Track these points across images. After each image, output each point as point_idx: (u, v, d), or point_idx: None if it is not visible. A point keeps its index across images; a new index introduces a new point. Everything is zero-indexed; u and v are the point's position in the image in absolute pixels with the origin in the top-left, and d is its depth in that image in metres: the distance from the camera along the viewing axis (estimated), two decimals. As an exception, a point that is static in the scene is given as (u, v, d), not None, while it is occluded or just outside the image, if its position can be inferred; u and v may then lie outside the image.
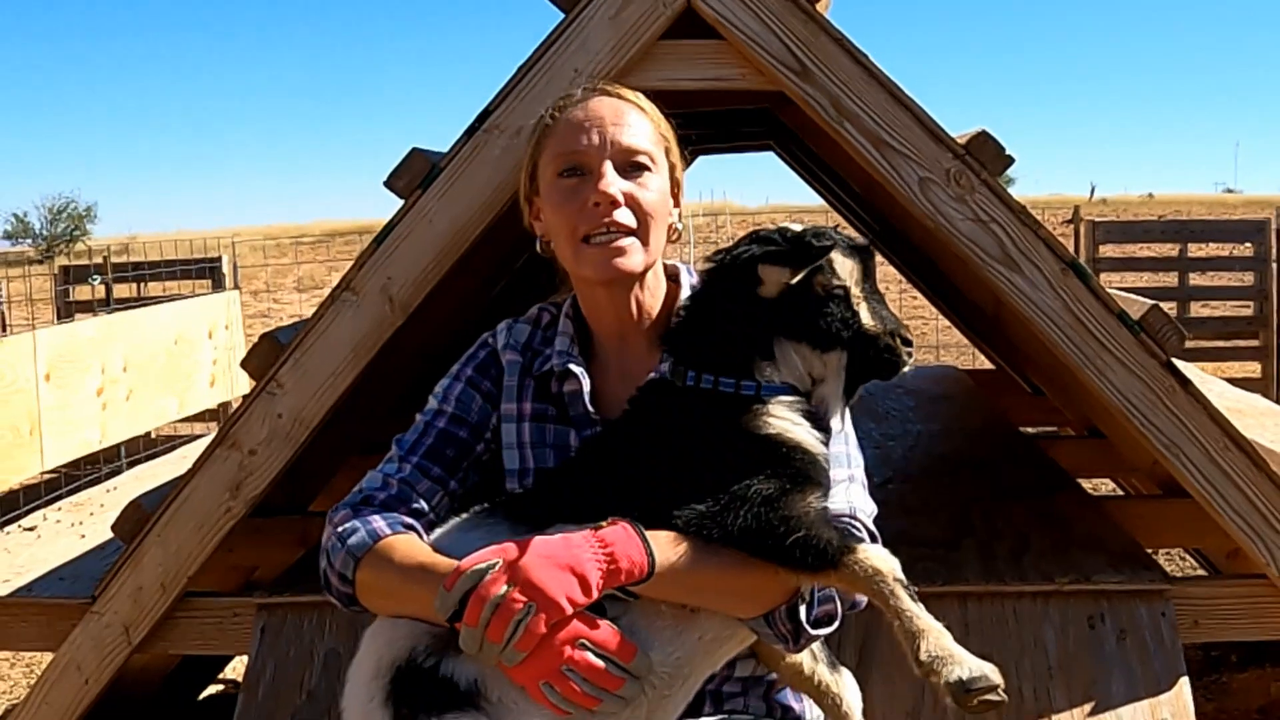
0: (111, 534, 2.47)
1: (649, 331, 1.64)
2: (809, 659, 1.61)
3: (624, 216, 1.57)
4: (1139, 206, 25.15)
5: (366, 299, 2.27)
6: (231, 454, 2.32)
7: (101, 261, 8.80)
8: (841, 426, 1.59)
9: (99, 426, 5.65)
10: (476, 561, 1.35)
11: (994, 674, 1.30)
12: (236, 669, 3.70)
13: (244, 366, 2.40)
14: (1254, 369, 8.56)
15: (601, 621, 1.37)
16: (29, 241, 31.69)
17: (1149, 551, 2.56)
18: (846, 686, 1.64)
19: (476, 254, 2.36)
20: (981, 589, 2.33)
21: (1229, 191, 34.73)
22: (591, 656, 1.34)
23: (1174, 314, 2.27)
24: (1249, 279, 8.70)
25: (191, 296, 7.54)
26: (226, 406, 6.89)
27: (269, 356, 2.33)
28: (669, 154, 1.65)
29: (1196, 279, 8.96)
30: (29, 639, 2.65)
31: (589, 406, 1.62)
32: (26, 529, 3.22)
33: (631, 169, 1.59)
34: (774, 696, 1.67)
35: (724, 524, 1.40)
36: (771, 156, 5.70)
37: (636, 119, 1.61)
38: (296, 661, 2.35)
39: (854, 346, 1.50)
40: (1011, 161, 2.21)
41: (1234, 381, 4.96)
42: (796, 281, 1.48)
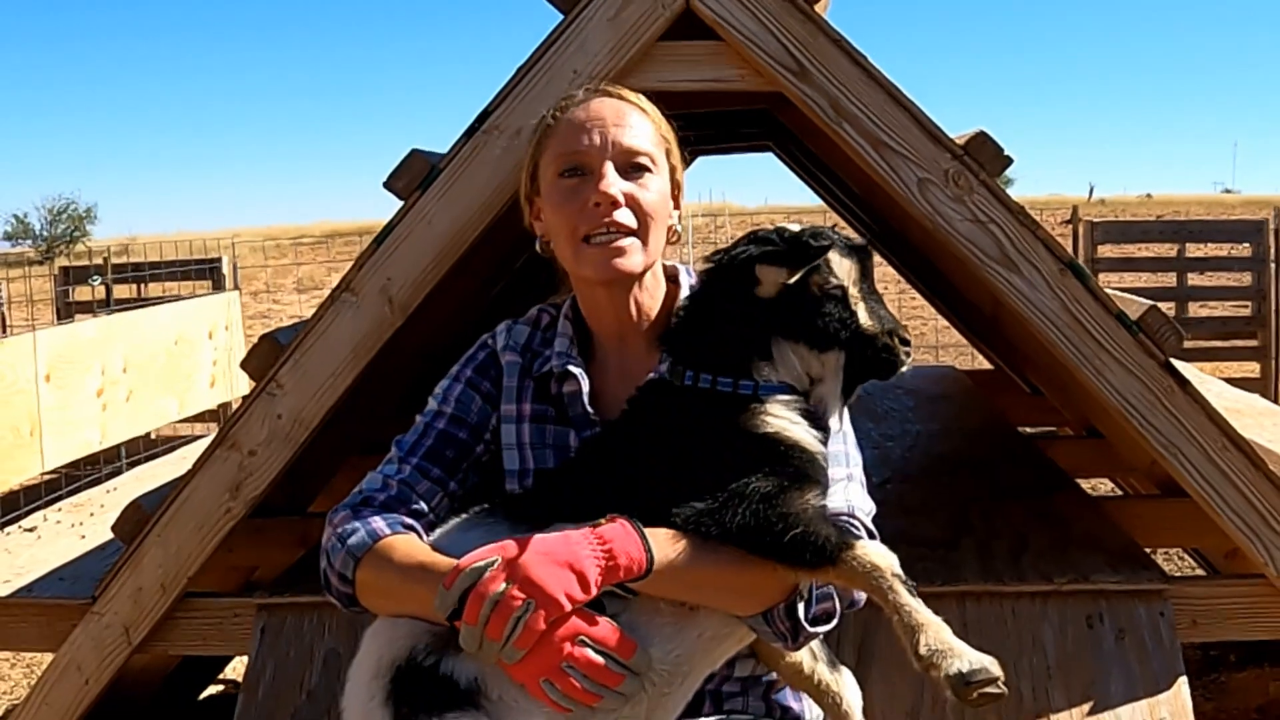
0: (111, 534, 2.47)
1: (648, 332, 1.64)
2: (809, 658, 1.61)
3: (624, 217, 1.57)
4: (1137, 207, 25.15)
5: (366, 300, 2.27)
6: (231, 455, 2.33)
7: (102, 262, 8.79)
8: (840, 426, 1.59)
9: (99, 427, 5.65)
10: (475, 559, 1.35)
11: (994, 666, 1.30)
12: (236, 669, 3.70)
13: (244, 367, 2.40)
14: (1252, 369, 8.57)
15: (601, 618, 1.37)
16: (29, 242, 31.66)
17: (1147, 551, 2.56)
18: (846, 685, 1.64)
19: (476, 255, 2.37)
20: (980, 589, 2.33)
21: (1227, 192, 34.75)
22: (591, 653, 1.34)
23: (1172, 314, 2.27)
24: (1247, 279, 8.71)
25: (191, 297, 7.53)
26: (226, 407, 6.89)
27: (269, 357, 2.33)
28: (670, 155, 1.65)
29: (1195, 279, 8.96)
30: (29, 639, 2.65)
31: (588, 407, 1.62)
32: (27, 529, 3.22)
33: (632, 170, 1.59)
34: (773, 696, 1.67)
35: (722, 521, 1.40)
36: (770, 157, 5.72)
37: (638, 120, 1.62)
38: (296, 662, 2.36)
39: (852, 346, 1.50)
40: (1010, 162, 2.21)
41: (1232, 381, 4.96)
42: (794, 281, 1.48)
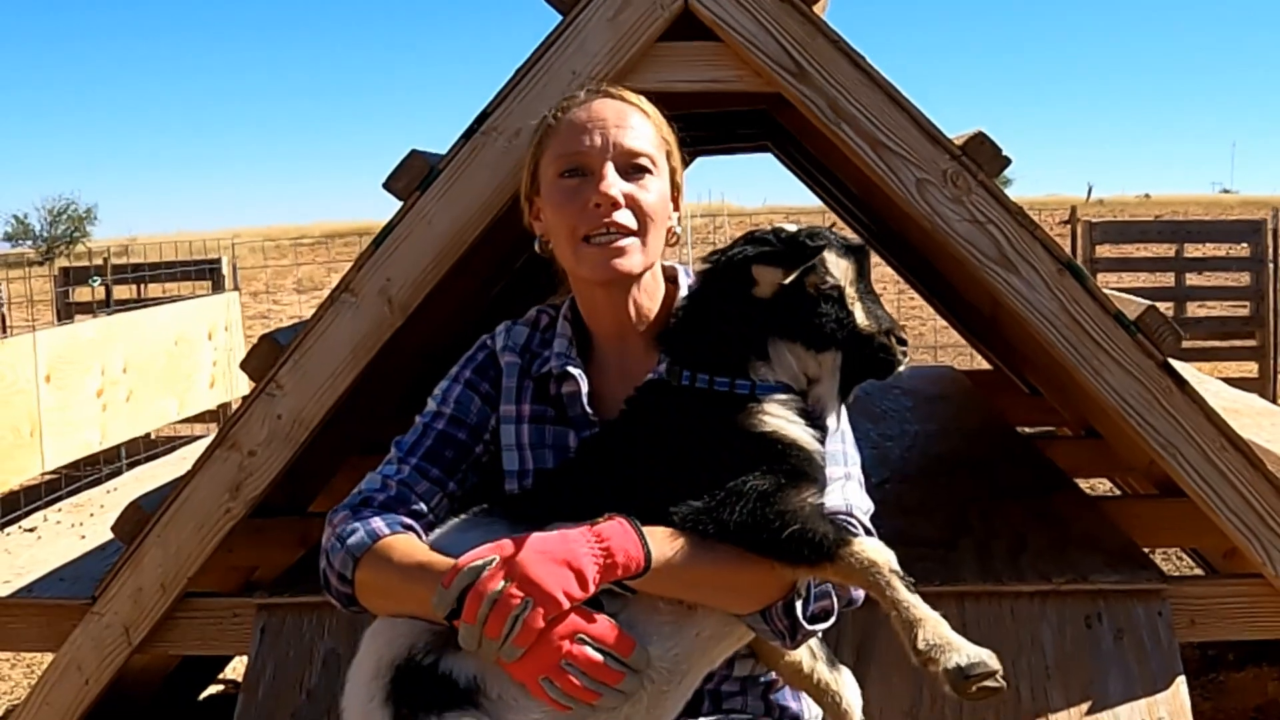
0: (111, 535, 2.48)
1: (647, 333, 1.64)
2: (808, 657, 1.61)
3: (624, 218, 1.57)
4: (1136, 207, 25.15)
5: (365, 300, 2.27)
6: (231, 455, 2.33)
7: (101, 263, 8.78)
8: (838, 425, 1.59)
9: (99, 428, 5.65)
10: (473, 558, 1.35)
11: (992, 660, 1.31)
12: (236, 669, 3.70)
13: (244, 368, 2.40)
14: (1250, 369, 8.58)
15: (599, 616, 1.37)
16: (29, 243, 31.62)
17: (1146, 551, 2.57)
18: (846, 684, 1.64)
19: (475, 255, 2.37)
20: (979, 589, 2.34)
21: (1226, 192, 34.71)
22: (590, 651, 1.35)
23: (1171, 314, 2.28)
24: (1245, 279, 8.72)
25: (191, 298, 7.53)
26: (226, 408, 6.89)
27: (268, 358, 2.33)
28: (670, 157, 1.65)
29: (1193, 279, 8.97)
30: (29, 639, 2.65)
31: (587, 408, 1.62)
32: (27, 530, 3.22)
33: (633, 171, 1.59)
34: (772, 696, 1.67)
35: (720, 519, 1.40)
36: (769, 158, 5.72)
37: (639, 122, 1.62)
38: (296, 661, 2.36)
39: (849, 346, 1.50)
40: (1008, 162, 2.21)
41: (1230, 381, 4.97)
42: (790, 281, 1.48)
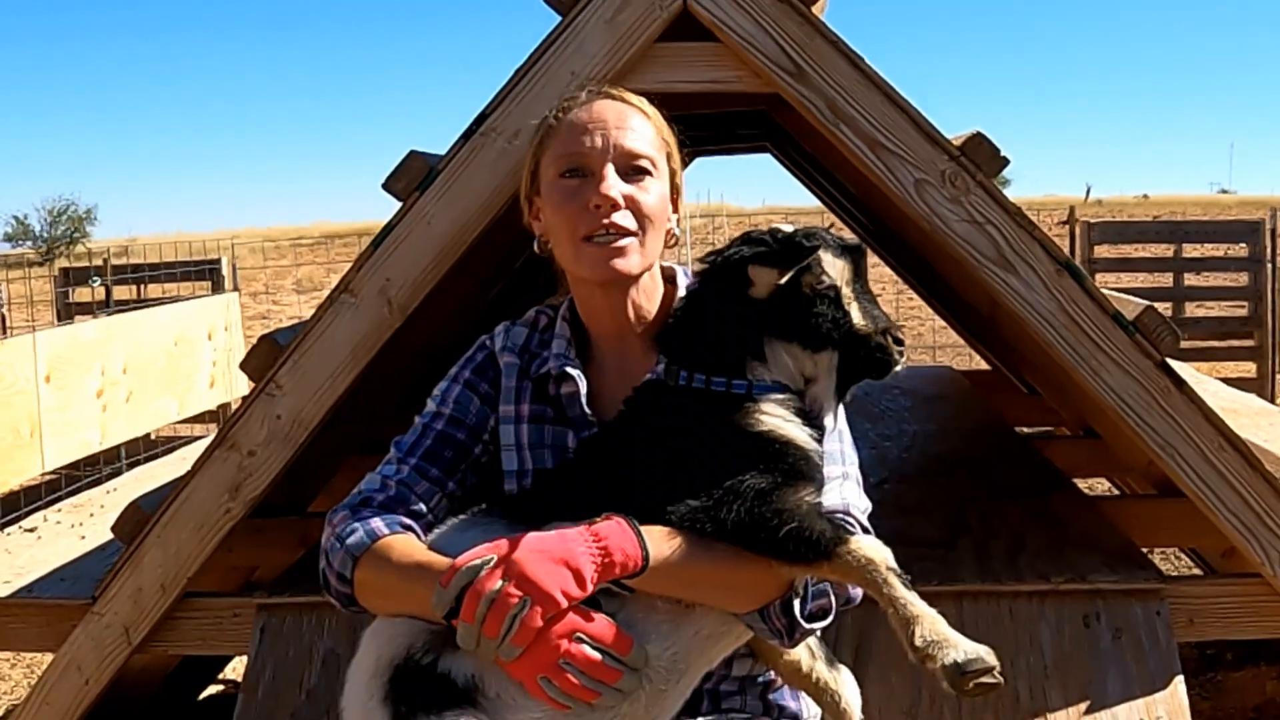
0: (111, 535, 2.48)
1: (646, 333, 1.64)
2: (807, 656, 1.62)
3: (623, 219, 1.57)
4: (1134, 207, 25.15)
5: (365, 301, 2.27)
6: (231, 455, 2.33)
7: (101, 264, 8.78)
8: (835, 424, 1.59)
9: (99, 428, 5.66)
10: (471, 558, 1.36)
11: (989, 656, 1.31)
12: (236, 669, 3.70)
13: (243, 368, 2.41)
14: (1249, 369, 8.59)
15: (597, 615, 1.37)
16: (29, 244, 31.59)
17: (1144, 551, 2.57)
18: (845, 684, 1.64)
19: (475, 256, 2.37)
20: (977, 588, 2.34)
21: (1224, 192, 34.71)
22: (588, 650, 1.35)
23: (1169, 314, 2.29)
24: (1244, 279, 8.73)
25: (191, 298, 7.53)
26: (226, 408, 6.89)
27: (268, 358, 2.33)
28: (670, 160, 1.66)
29: (1191, 279, 8.99)
30: (30, 639, 2.66)
31: (586, 408, 1.63)
32: (27, 530, 3.23)
33: (633, 173, 1.59)
34: (771, 695, 1.68)
35: (718, 518, 1.41)
36: (768, 158, 5.72)
37: (640, 123, 1.62)
38: (296, 661, 2.36)
39: (845, 346, 1.50)
40: (1007, 163, 2.22)
41: (1229, 381, 4.98)
42: (785, 282, 1.49)
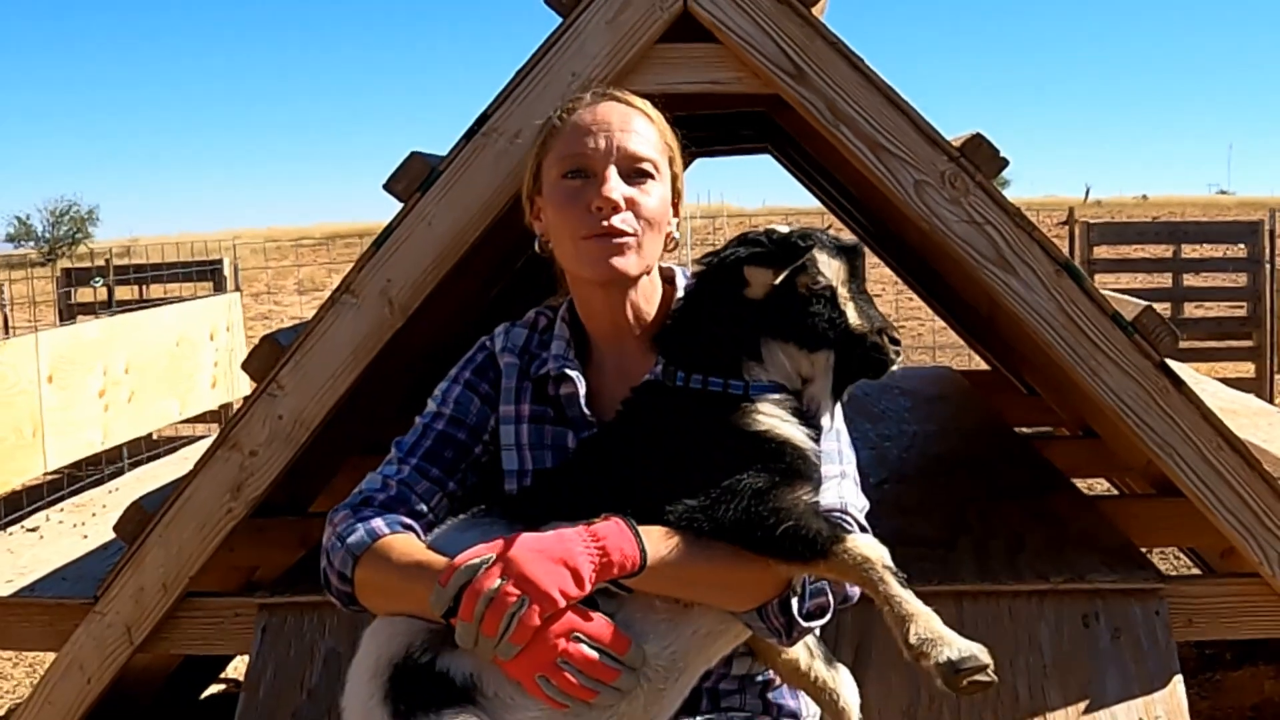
0: (113, 534, 2.49)
1: (645, 334, 1.65)
2: (805, 655, 1.62)
3: (624, 221, 1.58)
4: (1133, 208, 25.16)
5: (366, 301, 2.28)
6: (232, 455, 2.34)
7: (104, 264, 8.80)
8: (833, 424, 1.60)
9: (101, 428, 5.66)
10: (470, 557, 1.36)
11: (983, 654, 1.31)
12: (238, 668, 3.71)
13: (245, 368, 2.41)
14: (1247, 369, 8.60)
15: (595, 614, 1.38)
16: (31, 244, 31.61)
17: (1143, 550, 2.57)
18: (844, 683, 1.64)
19: (476, 256, 2.38)
20: (977, 588, 2.34)
21: (1222, 193, 34.67)
22: (586, 649, 1.35)
23: (1168, 315, 2.29)
24: (1242, 280, 8.75)
25: (193, 299, 7.54)
26: (228, 408, 6.90)
27: (270, 358, 2.34)
28: (672, 163, 1.66)
29: (1190, 280, 9.00)
30: (32, 639, 2.67)
31: (585, 409, 1.63)
32: (29, 530, 3.23)
33: (635, 175, 1.60)
34: (770, 694, 1.68)
35: (715, 517, 1.41)
36: (768, 159, 5.72)
37: (643, 126, 1.63)
38: (297, 661, 2.37)
39: (841, 346, 1.50)
40: (1006, 164, 2.22)
41: (1228, 382, 4.98)
42: (780, 282, 1.49)
